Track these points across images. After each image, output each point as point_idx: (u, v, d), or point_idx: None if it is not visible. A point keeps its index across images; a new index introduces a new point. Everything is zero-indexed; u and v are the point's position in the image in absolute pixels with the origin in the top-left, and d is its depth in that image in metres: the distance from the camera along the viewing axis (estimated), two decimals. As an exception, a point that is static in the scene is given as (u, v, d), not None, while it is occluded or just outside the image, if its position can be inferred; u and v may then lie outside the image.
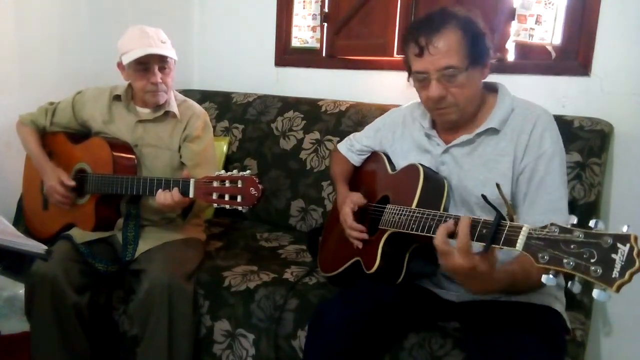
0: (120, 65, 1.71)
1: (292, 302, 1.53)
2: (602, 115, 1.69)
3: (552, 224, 0.83)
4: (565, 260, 0.79)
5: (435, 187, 1.25)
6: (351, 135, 1.66)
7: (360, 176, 1.60)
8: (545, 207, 1.16)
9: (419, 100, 1.34)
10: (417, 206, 1.20)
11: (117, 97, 1.76)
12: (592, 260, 0.76)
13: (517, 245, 0.87)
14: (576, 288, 0.80)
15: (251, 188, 1.35)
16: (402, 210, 1.21)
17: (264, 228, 2.16)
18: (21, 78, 2.09)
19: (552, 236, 0.81)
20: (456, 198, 1.28)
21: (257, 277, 1.64)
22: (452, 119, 1.25)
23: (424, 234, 1.10)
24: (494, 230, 0.92)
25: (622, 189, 1.72)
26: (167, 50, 1.64)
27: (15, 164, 1.94)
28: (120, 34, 1.70)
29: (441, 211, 1.19)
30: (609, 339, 1.79)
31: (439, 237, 1.00)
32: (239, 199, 1.36)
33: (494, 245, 0.92)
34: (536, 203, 1.18)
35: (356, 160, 1.60)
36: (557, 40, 1.85)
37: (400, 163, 1.40)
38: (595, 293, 0.77)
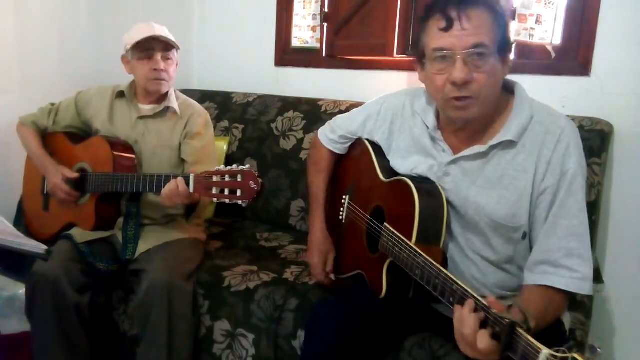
0: (124, 58, 1.73)
1: (292, 302, 1.53)
2: (602, 115, 1.69)
3: (575, 353, 0.75)
4: None
5: (433, 214, 1.14)
6: (332, 121, 1.51)
7: (347, 171, 1.51)
8: (565, 232, 1.07)
9: (421, 86, 1.20)
10: (416, 241, 1.11)
11: (119, 94, 1.78)
12: None
13: None
14: None
15: (250, 182, 1.35)
16: (401, 244, 1.12)
17: (264, 228, 2.16)
18: (21, 78, 2.09)
19: None
20: (462, 217, 1.17)
21: (257, 277, 1.64)
22: (471, 115, 1.08)
23: (430, 289, 1.03)
24: (509, 339, 0.84)
25: (622, 189, 1.72)
26: (170, 37, 1.68)
27: (15, 165, 1.94)
28: (120, 34, 1.71)
29: (441, 243, 1.13)
30: (609, 339, 1.79)
31: (468, 328, 0.89)
32: (238, 193, 1.36)
33: (509, 353, 0.85)
34: (556, 228, 1.08)
35: (340, 149, 1.49)
36: (557, 40, 1.85)
37: (397, 163, 1.30)
38: None
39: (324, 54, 2.39)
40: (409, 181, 1.18)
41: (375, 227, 1.29)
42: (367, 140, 1.41)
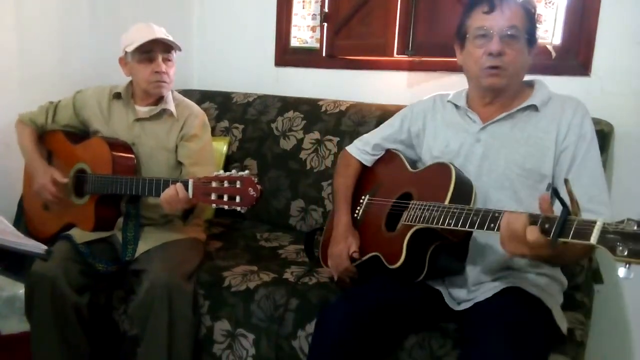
0: (122, 60, 1.72)
1: (292, 302, 1.53)
2: (602, 115, 1.69)
3: (628, 219, 0.83)
4: None
5: (465, 186, 1.25)
6: (362, 137, 1.63)
7: (373, 174, 1.57)
8: (588, 181, 1.22)
9: (444, 92, 1.44)
10: (450, 202, 1.20)
11: (116, 95, 1.77)
12: None
13: (592, 238, 0.86)
14: (625, 274, 0.83)
15: (250, 188, 1.34)
16: (434, 206, 1.20)
17: (264, 228, 2.16)
18: (21, 78, 2.09)
19: (630, 230, 0.82)
20: (492, 176, 1.30)
21: (257, 277, 1.64)
22: (501, 83, 1.28)
23: (467, 229, 1.10)
24: (561, 224, 0.91)
25: (621, 188, 1.72)
26: (171, 39, 1.67)
27: (15, 164, 1.94)
28: (120, 34, 1.70)
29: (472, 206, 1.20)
30: (609, 339, 1.79)
31: (519, 223, 0.97)
32: (237, 199, 1.36)
33: (563, 239, 0.91)
34: (580, 177, 1.22)
35: (369, 160, 1.58)
36: (557, 40, 1.85)
37: (431, 144, 1.43)
38: (622, 272, 0.82)
39: (323, 54, 2.39)
40: (445, 161, 1.32)
41: (400, 207, 1.35)
42: (397, 151, 1.54)
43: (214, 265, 1.73)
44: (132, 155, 1.69)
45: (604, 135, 1.63)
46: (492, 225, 1.05)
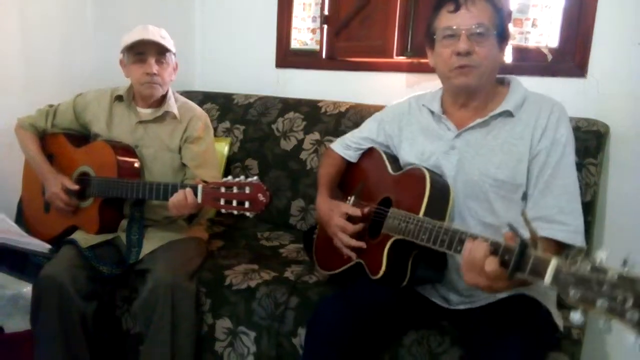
0: (122, 62, 1.73)
1: (293, 300, 1.54)
2: (598, 116, 1.71)
3: (583, 258, 0.79)
4: (598, 302, 0.74)
5: (441, 194, 1.24)
6: (345, 136, 1.64)
7: (357, 173, 1.57)
8: (560, 191, 1.18)
9: (420, 92, 1.40)
10: (424, 214, 1.18)
11: (118, 98, 1.77)
12: (628, 305, 0.71)
13: (546, 278, 0.82)
14: (577, 319, 0.78)
15: (259, 194, 1.35)
16: (409, 218, 1.19)
17: (265, 227, 2.18)
18: (24, 80, 2.10)
19: (583, 274, 0.77)
20: (467, 184, 1.27)
21: (258, 275, 1.66)
22: (471, 81, 1.25)
23: (437, 247, 1.09)
24: (518, 259, 0.88)
25: (617, 189, 1.74)
26: (164, 41, 1.66)
27: (17, 166, 1.94)
28: (123, 37, 1.72)
29: (447, 219, 1.20)
30: (606, 337, 1.80)
31: (478, 253, 0.96)
32: (246, 205, 1.37)
33: (519, 275, 0.89)
34: (550, 187, 1.19)
35: (353, 156, 1.59)
36: (554, 42, 1.86)
37: (407, 151, 1.40)
38: (573, 317, 0.77)
39: (323, 56, 2.40)
40: (421, 167, 1.30)
41: (380, 214, 1.34)
42: (379, 148, 1.52)
43: (215, 263, 1.75)
44: (136, 159, 1.70)
45: (600, 137, 1.65)
46: (458, 248, 1.03)
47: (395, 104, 1.52)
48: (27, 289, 1.75)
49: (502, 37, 1.26)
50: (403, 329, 1.36)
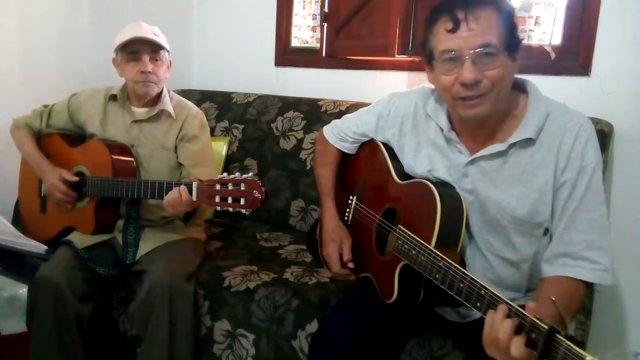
0: (115, 61, 1.72)
1: (293, 302, 1.53)
2: (602, 115, 1.69)
3: (616, 356, 0.76)
4: None
5: (453, 219, 1.12)
6: (339, 122, 1.49)
7: (356, 166, 1.49)
8: (586, 226, 1.07)
9: (429, 86, 1.20)
10: (436, 244, 1.08)
11: (112, 97, 1.76)
12: None
13: None
14: None
15: (255, 191, 1.34)
16: (419, 248, 1.09)
17: (264, 228, 2.16)
18: (22, 79, 2.09)
19: None
20: (482, 216, 1.16)
21: (257, 277, 1.65)
22: (481, 112, 1.07)
23: (453, 294, 1.00)
24: (546, 347, 0.80)
25: (622, 188, 1.72)
26: (158, 39, 1.65)
27: (14, 166, 1.93)
28: (121, 34, 1.70)
29: (459, 247, 1.11)
30: (609, 339, 1.79)
31: (503, 333, 0.86)
32: (242, 201, 1.35)
33: None
34: (576, 221, 1.07)
35: (351, 148, 1.47)
36: (557, 40, 1.85)
37: (411, 164, 1.28)
38: None
39: (324, 54, 2.39)
40: (430, 184, 1.16)
41: (386, 229, 1.28)
42: (381, 142, 1.39)
43: (214, 265, 1.73)
44: (132, 158, 1.68)
45: (604, 136, 1.63)
46: (477, 304, 0.94)
47: (398, 100, 1.35)
48: (23, 290, 1.74)
49: (514, 47, 1.06)
50: (407, 337, 1.33)
